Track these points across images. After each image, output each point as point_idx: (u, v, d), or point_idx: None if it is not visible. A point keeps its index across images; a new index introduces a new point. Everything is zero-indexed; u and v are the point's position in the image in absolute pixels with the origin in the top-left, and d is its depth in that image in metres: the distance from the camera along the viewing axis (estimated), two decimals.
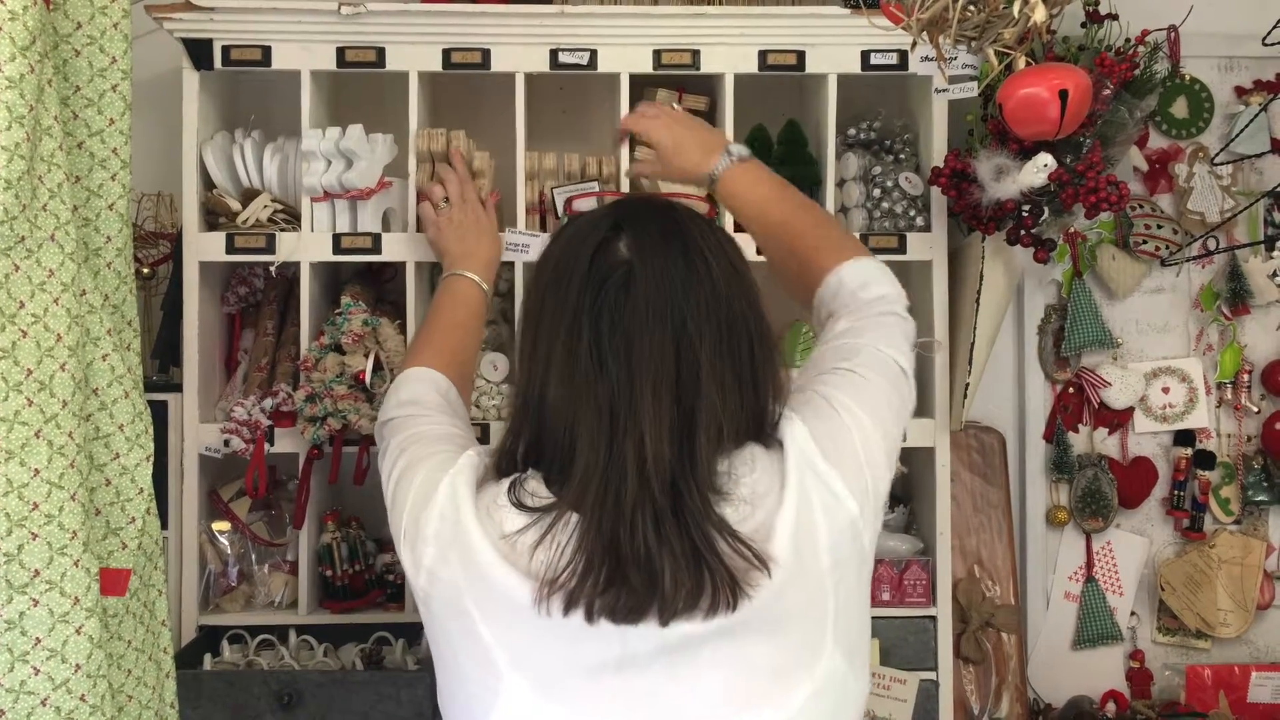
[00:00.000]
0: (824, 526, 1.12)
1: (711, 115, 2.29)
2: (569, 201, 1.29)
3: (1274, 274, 2.40)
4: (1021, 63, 1.29)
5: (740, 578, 1.06)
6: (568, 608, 1.05)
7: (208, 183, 2.20)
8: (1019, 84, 1.36)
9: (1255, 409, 2.45)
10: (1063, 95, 1.32)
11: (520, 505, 1.12)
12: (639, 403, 1.07)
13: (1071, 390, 2.44)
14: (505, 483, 1.16)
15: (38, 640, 1.26)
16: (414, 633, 2.15)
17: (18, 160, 1.25)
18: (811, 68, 2.18)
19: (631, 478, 1.05)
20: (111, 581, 1.38)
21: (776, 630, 1.10)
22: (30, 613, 1.25)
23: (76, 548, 1.28)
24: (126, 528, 1.43)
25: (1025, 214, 1.96)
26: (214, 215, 2.18)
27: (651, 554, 1.04)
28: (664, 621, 1.05)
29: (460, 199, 1.97)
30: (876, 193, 2.22)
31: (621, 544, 1.04)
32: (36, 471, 1.26)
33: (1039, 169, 1.84)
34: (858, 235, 2.18)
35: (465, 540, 1.13)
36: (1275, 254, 2.38)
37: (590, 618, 1.05)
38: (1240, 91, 2.44)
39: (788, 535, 1.09)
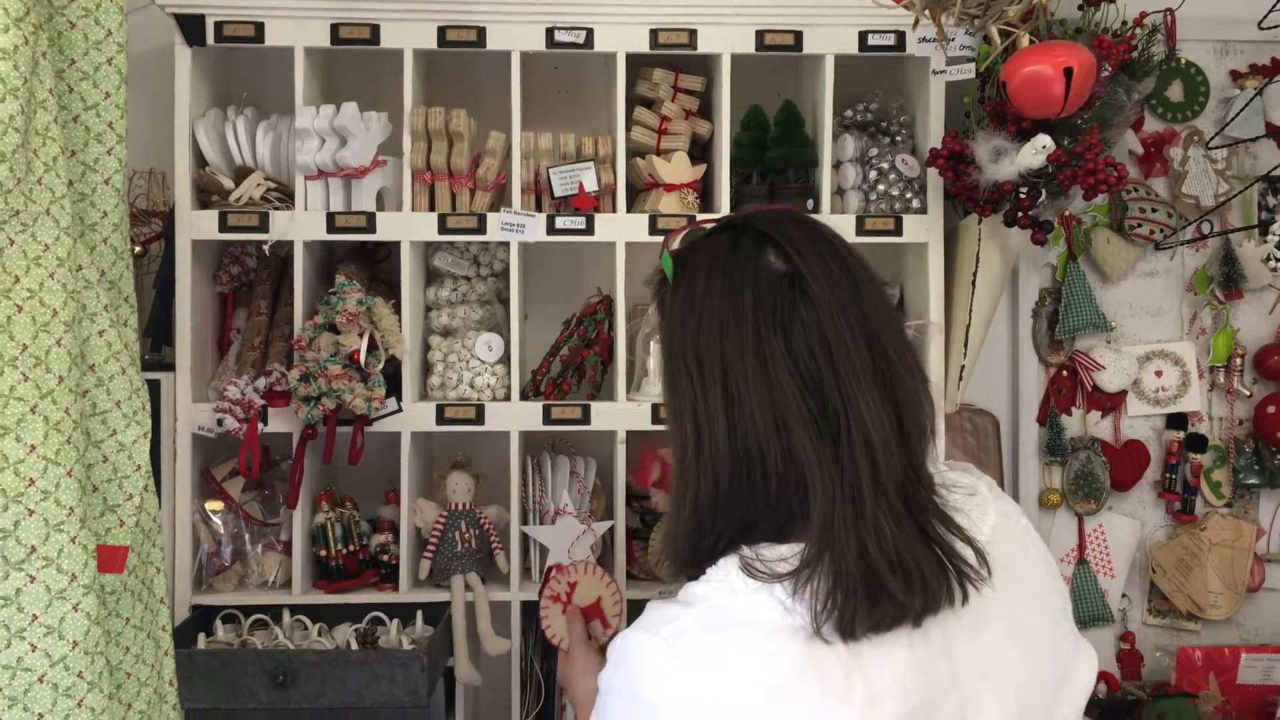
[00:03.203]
0: (1031, 547, 1.14)
1: (708, 95, 2.28)
2: (669, 236, 1.21)
3: (1267, 258, 2.40)
4: (1025, 41, 1.28)
5: (972, 571, 1.03)
6: (844, 635, 0.97)
7: (200, 160, 2.18)
8: (1023, 62, 1.35)
9: (1247, 393, 2.46)
10: (1067, 73, 1.31)
11: (776, 574, 1.00)
12: (857, 405, 1.00)
13: (1065, 373, 2.44)
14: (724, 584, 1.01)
15: (35, 617, 1.25)
16: (408, 613, 2.14)
17: (12, 133, 1.23)
18: (809, 48, 2.17)
19: (866, 482, 0.99)
20: (109, 558, 1.37)
21: (1016, 629, 1.08)
22: (27, 589, 1.24)
23: (73, 524, 1.27)
24: (124, 505, 1.42)
25: (1023, 195, 1.95)
26: (206, 193, 2.17)
27: (903, 556, 0.99)
28: (917, 623, 0.99)
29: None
30: (873, 175, 2.21)
31: (871, 553, 0.98)
32: (33, 447, 1.25)
33: (1037, 150, 1.84)
34: (854, 217, 2.18)
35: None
36: (1269, 238, 2.38)
37: (856, 635, 0.97)
38: (1236, 75, 2.44)
39: (993, 537, 1.09)
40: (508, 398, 2.20)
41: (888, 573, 0.98)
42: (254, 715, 2.00)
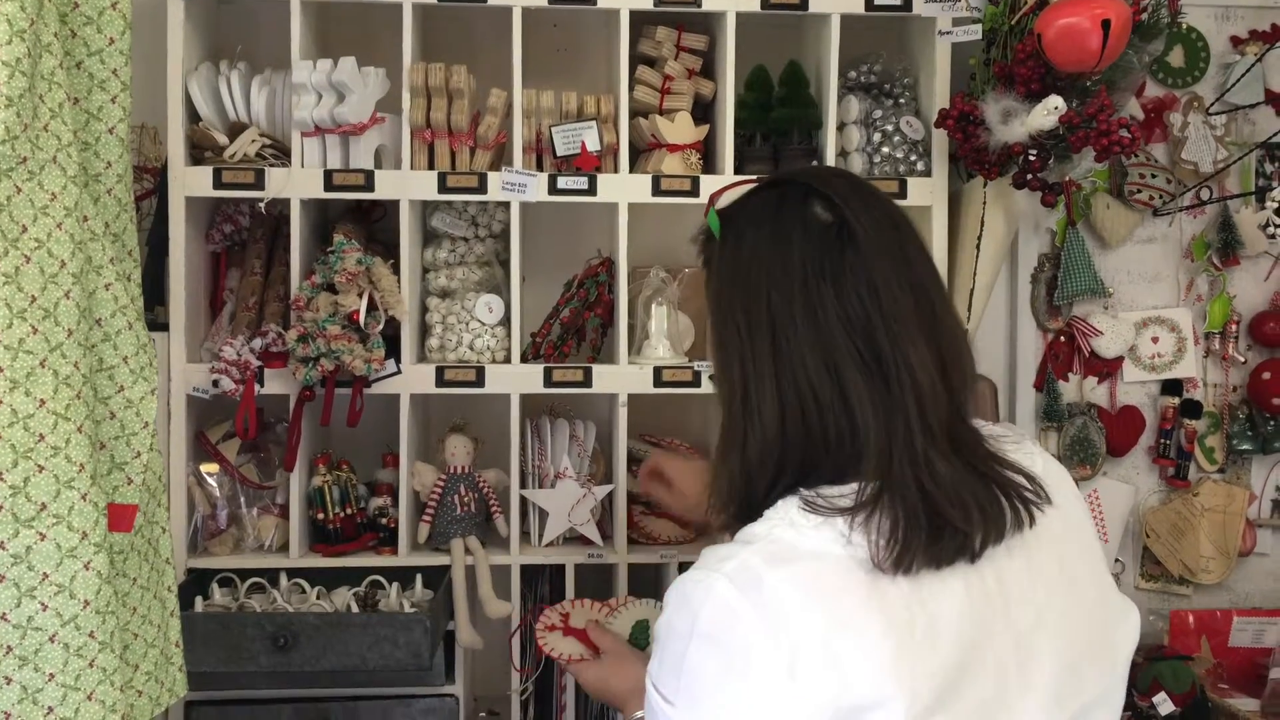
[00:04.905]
0: (1075, 499, 1.15)
1: (711, 54, 2.25)
2: (714, 195, 1.21)
3: (1264, 225, 2.41)
4: None
5: (1031, 495, 1.06)
6: (904, 570, 0.98)
7: (193, 115, 2.13)
8: (1059, 13, 1.33)
9: (1242, 359, 2.47)
10: (1105, 25, 1.29)
11: (837, 508, 1.01)
12: (904, 349, 1.02)
13: (1062, 339, 2.45)
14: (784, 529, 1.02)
15: (45, 575, 1.22)
16: (407, 576, 2.12)
17: (19, 76, 1.19)
18: (814, 7, 2.14)
19: (915, 420, 1.01)
20: (118, 517, 1.34)
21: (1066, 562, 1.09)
22: (37, 547, 1.21)
23: (84, 481, 1.24)
24: (132, 462, 1.39)
25: (1033, 158, 1.94)
26: (199, 149, 2.12)
27: (959, 490, 1.01)
28: (974, 558, 1.01)
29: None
30: (877, 137, 2.19)
31: (928, 489, 1.00)
32: (42, 402, 1.22)
33: (1049, 111, 1.82)
34: None
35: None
36: (1266, 205, 2.39)
37: (913, 570, 0.98)
38: (1236, 41, 2.44)
39: (1044, 480, 1.10)
40: (508, 360, 2.17)
41: (947, 505, 1.00)
42: (254, 678, 1.98)
